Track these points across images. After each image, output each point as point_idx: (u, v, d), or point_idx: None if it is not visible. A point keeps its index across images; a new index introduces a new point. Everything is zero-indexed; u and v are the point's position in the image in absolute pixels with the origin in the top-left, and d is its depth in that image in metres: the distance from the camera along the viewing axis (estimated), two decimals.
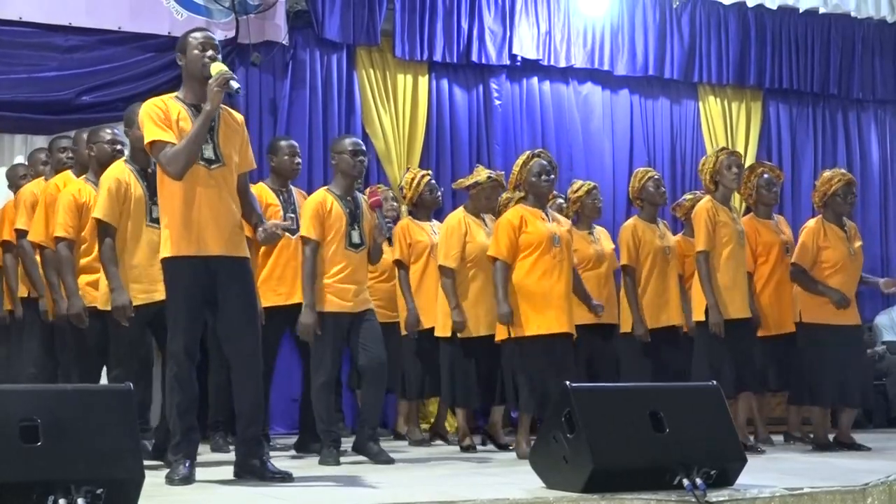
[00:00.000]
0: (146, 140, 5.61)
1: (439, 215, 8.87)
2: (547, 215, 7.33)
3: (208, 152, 5.59)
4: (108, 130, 7.21)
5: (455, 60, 10.82)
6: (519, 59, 11.07)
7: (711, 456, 5.20)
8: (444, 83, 10.89)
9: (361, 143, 7.22)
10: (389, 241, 6.95)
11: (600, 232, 8.75)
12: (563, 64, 11.27)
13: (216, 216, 5.55)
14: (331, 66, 10.43)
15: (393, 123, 10.55)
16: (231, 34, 9.75)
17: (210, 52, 5.65)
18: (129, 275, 6.39)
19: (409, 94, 10.69)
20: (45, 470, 4.17)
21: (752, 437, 7.98)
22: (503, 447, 7.88)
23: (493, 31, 10.96)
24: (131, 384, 4.64)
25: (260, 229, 5.64)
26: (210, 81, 5.51)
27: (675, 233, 8.97)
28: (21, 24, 9.33)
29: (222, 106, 5.72)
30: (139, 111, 5.94)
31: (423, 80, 10.77)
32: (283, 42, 10.12)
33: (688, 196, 9.45)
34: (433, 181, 8.71)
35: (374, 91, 10.55)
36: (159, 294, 6.19)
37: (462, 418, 8.06)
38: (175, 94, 5.80)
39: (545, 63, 11.20)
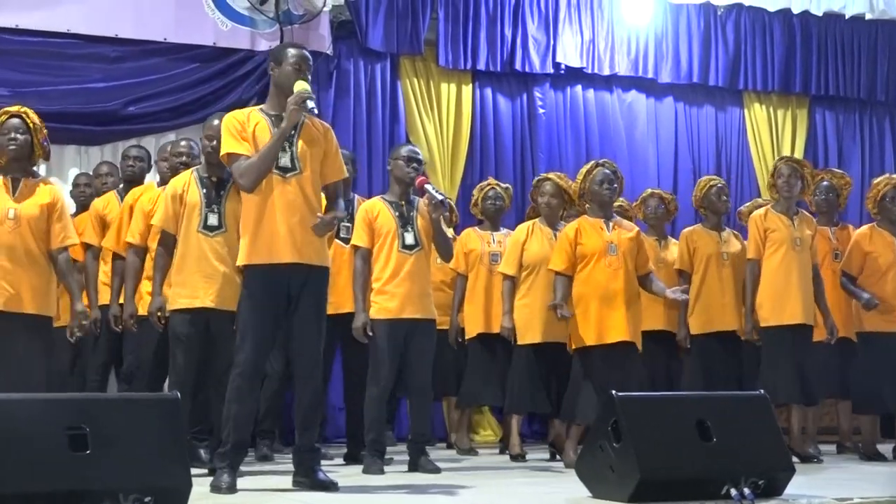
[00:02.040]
0: (222, 152, 5.71)
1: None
2: (607, 224, 7.29)
3: (284, 160, 5.64)
4: (184, 143, 7.30)
5: (498, 69, 10.82)
6: (563, 67, 11.05)
7: (760, 465, 5.15)
8: (488, 92, 10.90)
9: (419, 151, 7.24)
10: (444, 203, 6.89)
11: (670, 241, 8.77)
12: (606, 72, 11.25)
13: (289, 224, 5.58)
14: (374, 75, 10.46)
15: (437, 132, 10.56)
16: (275, 44, 9.76)
17: (302, 72, 5.71)
18: (176, 279, 6.44)
19: (453, 102, 10.70)
20: (93, 478, 4.19)
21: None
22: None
23: (537, 39, 10.95)
24: (184, 392, 4.66)
25: (316, 221, 5.66)
26: (289, 98, 5.55)
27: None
28: (69, 36, 9.42)
29: (308, 116, 5.77)
30: (213, 123, 6.22)
31: (467, 89, 10.78)
32: (328, 52, 10.15)
33: (747, 204, 9.47)
34: (494, 190, 8.73)
35: (417, 100, 10.57)
36: (199, 301, 6.22)
37: (513, 426, 8.04)
38: (260, 106, 5.87)
39: (589, 71, 11.18)
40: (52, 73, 9.40)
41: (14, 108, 6.34)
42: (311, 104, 5.58)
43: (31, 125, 6.26)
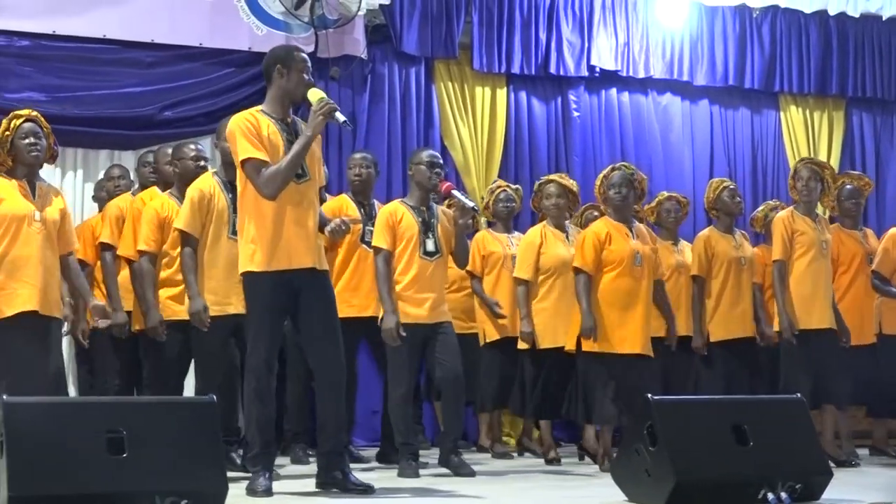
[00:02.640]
0: (239, 157, 5.65)
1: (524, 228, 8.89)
2: (631, 230, 7.27)
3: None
4: (192, 146, 7.30)
5: (533, 72, 10.80)
6: (597, 70, 11.02)
7: (796, 469, 5.14)
8: (523, 95, 10.88)
9: (439, 156, 7.23)
10: (475, 209, 6.88)
11: (685, 245, 8.69)
12: (641, 75, 11.21)
13: (303, 230, 5.62)
14: (409, 79, 10.47)
15: (471, 136, 10.56)
16: (310, 49, 9.80)
17: (309, 79, 5.75)
18: (205, 286, 6.45)
19: (488, 106, 10.69)
20: (130, 481, 4.22)
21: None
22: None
23: (572, 42, 10.93)
24: (214, 396, 4.68)
25: (329, 226, 5.67)
26: (314, 109, 5.57)
27: (754, 244, 8.87)
28: (104, 42, 9.47)
29: (298, 119, 5.80)
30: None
31: (502, 93, 10.77)
32: (362, 56, 10.16)
33: (760, 208, 9.43)
34: (506, 192, 8.71)
35: (452, 104, 10.57)
36: (233, 307, 6.24)
37: (546, 430, 8.02)
38: (260, 107, 5.83)
39: (624, 74, 11.15)
40: (88, 79, 9.45)
41: (24, 112, 6.27)
42: (341, 117, 5.59)
43: (44, 130, 6.27)
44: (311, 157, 5.72)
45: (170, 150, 7.68)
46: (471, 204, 6.67)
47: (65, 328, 6.57)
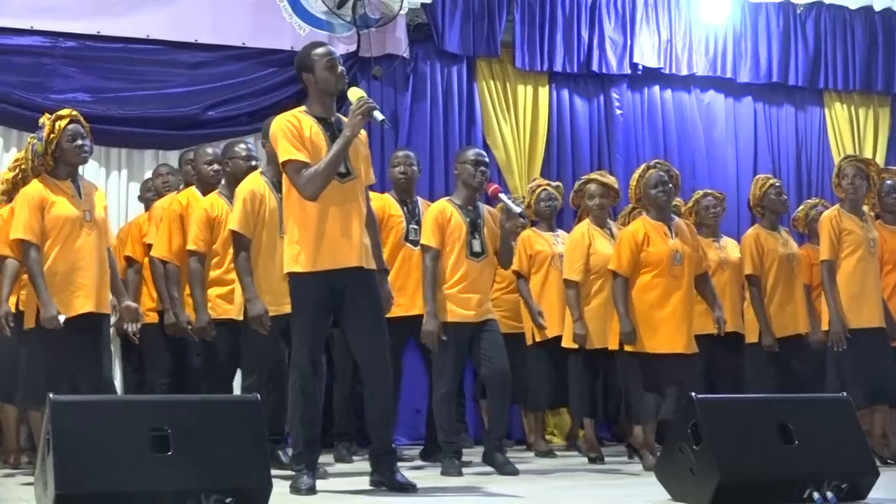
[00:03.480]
0: (280, 158, 5.68)
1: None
2: (670, 229, 7.22)
3: (340, 166, 5.66)
4: (243, 146, 7.31)
5: (575, 70, 10.78)
6: (640, 67, 10.99)
7: (842, 469, 5.09)
8: (565, 93, 10.86)
9: (484, 154, 7.23)
10: (522, 216, 6.87)
11: (727, 241, 8.63)
12: (684, 72, 11.16)
13: (347, 229, 5.61)
14: (451, 77, 10.47)
15: (513, 134, 10.55)
16: (352, 48, 9.84)
17: (340, 69, 5.73)
18: (260, 286, 6.46)
19: (530, 104, 10.68)
20: (175, 479, 4.24)
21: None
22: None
23: (614, 40, 10.90)
24: (260, 395, 4.70)
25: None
26: (353, 108, 5.58)
27: (798, 244, 8.81)
28: (148, 42, 9.53)
29: (342, 116, 5.81)
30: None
31: (544, 91, 10.75)
32: (404, 55, 10.18)
33: (801, 207, 9.37)
34: (547, 191, 8.69)
35: (494, 102, 10.56)
36: (288, 307, 6.26)
37: (589, 429, 8.00)
38: (303, 108, 5.85)
39: (666, 71, 11.11)
40: (133, 79, 9.52)
41: (66, 112, 6.35)
42: (379, 116, 5.59)
43: (86, 129, 6.33)
44: (357, 156, 5.73)
45: (210, 150, 7.70)
46: (518, 209, 6.65)
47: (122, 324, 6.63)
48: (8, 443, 7.62)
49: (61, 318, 6.02)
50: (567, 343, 7.89)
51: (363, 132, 5.93)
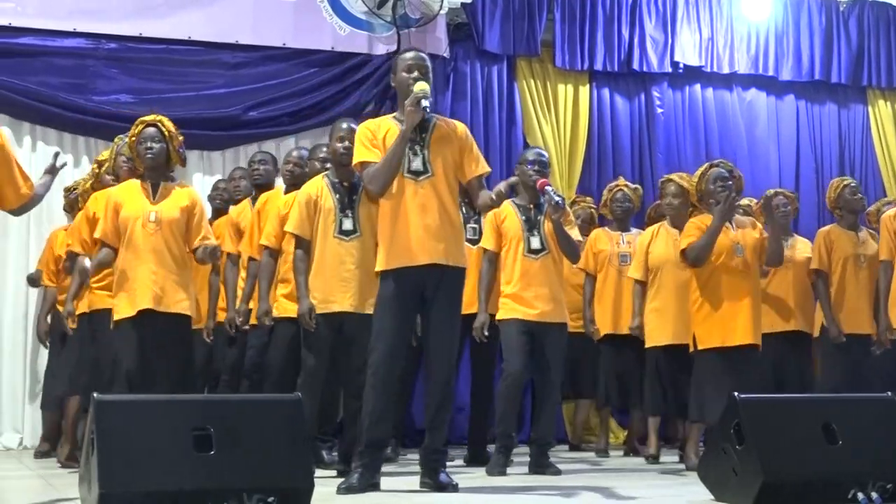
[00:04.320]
0: (353, 161, 5.79)
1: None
2: (731, 222, 7.19)
3: (416, 164, 5.67)
4: (325, 148, 7.37)
5: (616, 69, 10.76)
6: (681, 66, 10.96)
7: (888, 469, 5.04)
8: (606, 92, 10.84)
9: (543, 153, 7.25)
10: (561, 206, 6.86)
11: (797, 240, 8.56)
12: (726, 70, 11.12)
13: (423, 227, 5.60)
14: (491, 77, 10.47)
15: (554, 133, 10.53)
16: (392, 48, 9.85)
17: (415, 74, 5.73)
18: (313, 284, 6.50)
19: (570, 103, 10.67)
20: (217, 478, 4.25)
21: None
22: None
23: (655, 38, 10.87)
24: (310, 394, 4.71)
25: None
26: (405, 101, 5.59)
27: None
28: (190, 43, 9.61)
29: (439, 116, 5.85)
30: (340, 126, 6.47)
31: (584, 90, 10.74)
32: (444, 55, 10.19)
33: (874, 204, 9.32)
34: (623, 192, 8.69)
35: (534, 101, 10.55)
36: (338, 305, 6.29)
37: (651, 427, 7.98)
38: (393, 114, 5.91)
39: (708, 70, 11.07)
40: (174, 80, 9.59)
41: (150, 118, 6.52)
42: (424, 103, 5.58)
43: (166, 134, 6.43)
44: (439, 154, 5.73)
45: (295, 153, 7.76)
46: (557, 199, 6.63)
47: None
48: (67, 440, 7.70)
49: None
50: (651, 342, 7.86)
51: (460, 125, 5.95)
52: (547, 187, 6.72)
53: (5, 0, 9.19)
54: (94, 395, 4.32)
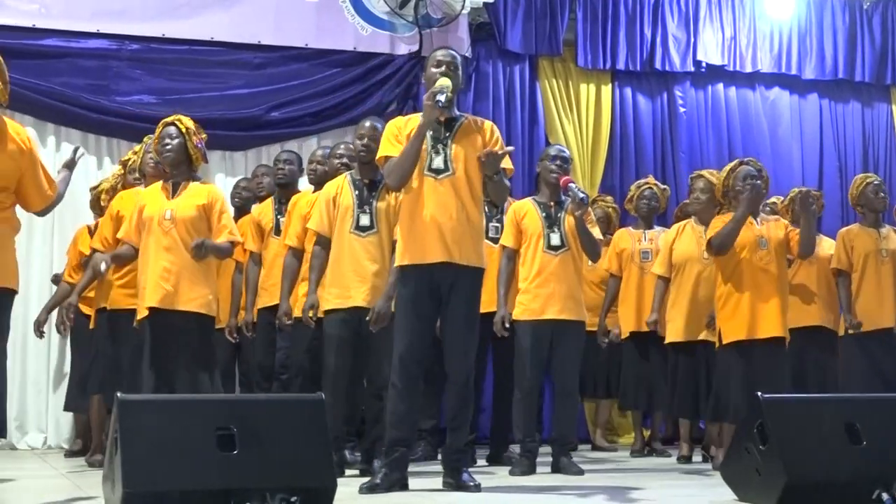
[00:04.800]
0: (378, 156, 5.82)
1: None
2: (756, 219, 7.18)
3: (437, 163, 5.67)
4: (343, 147, 7.38)
5: (638, 68, 10.75)
6: (703, 65, 10.94)
7: None
8: (628, 91, 10.83)
9: (564, 150, 7.27)
10: (585, 202, 6.83)
11: (821, 238, 8.52)
12: (749, 69, 11.10)
13: (440, 225, 5.60)
14: (513, 76, 10.47)
15: (576, 133, 10.53)
16: (414, 48, 9.87)
17: (442, 69, 5.73)
18: (331, 279, 6.53)
19: (592, 103, 10.66)
20: (241, 477, 4.26)
21: None
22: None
23: (677, 37, 10.85)
24: (332, 393, 4.71)
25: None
26: (425, 96, 5.60)
27: None
28: (212, 44, 9.64)
29: (467, 115, 5.88)
30: (365, 124, 6.52)
31: (606, 89, 10.73)
32: (466, 54, 10.17)
33: None
34: (651, 190, 8.67)
35: (556, 101, 10.55)
36: (354, 300, 6.30)
37: (682, 428, 7.97)
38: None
39: (730, 69, 11.05)
40: (197, 81, 9.62)
41: (171, 118, 6.53)
42: (440, 97, 5.56)
43: (183, 130, 6.43)
44: (462, 153, 5.72)
45: (320, 152, 7.79)
46: (581, 195, 6.63)
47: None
48: (94, 438, 7.73)
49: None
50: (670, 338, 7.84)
51: (488, 123, 5.93)
52: (570, 184, 6.72)
53: (30, 2, 9.24)
54: (118, 394, 4.33)
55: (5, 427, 5.00)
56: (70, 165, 5.88)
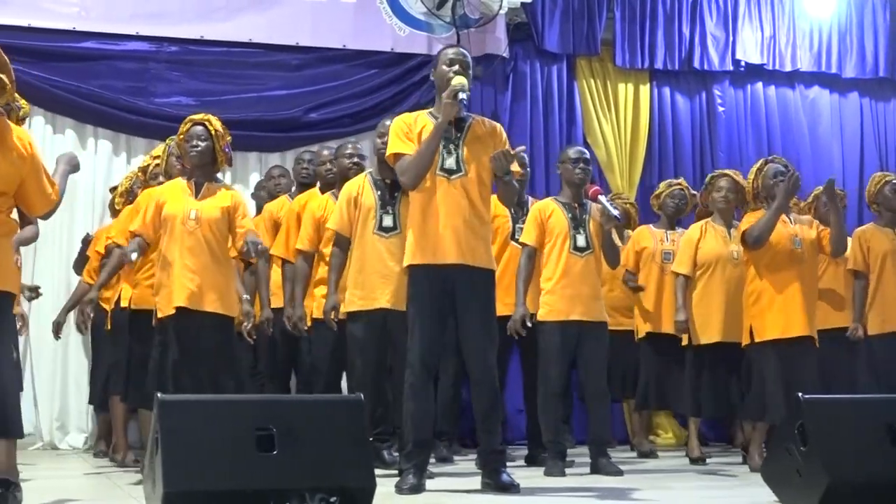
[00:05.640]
0: (388, 153, 5.80)
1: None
2: (789, 217, 7.13)
3: (450, 162, 5.66)
4: (350, 146, 7.38)
5: (677, 67, 10.72)
6: (742, 64, 10.90)
7: None
8: (666, 91, 10.80)
9: (585, 151, 7.21)
10: (618, 218, 6.81)
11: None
12: (788, 68, 11.04)
13: (453, 225, 5.59)
14: (551, 77, 10.46)
15: (614, 133, 10.51)
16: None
17: (456, 68, 5.72)
18: (354, 280, 6.52)
19: (631, 102, 10.64)
20: (280, 478, 4.26)
21: None
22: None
23: (716, 36, 10.81)
24: (362, 395, 4.71)
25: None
26: (443, 94, 5.59)
27: None
28: (250, 46, 9.67)
29: (475, 116, 5.84)
30: (384, 123, 6.42)
31: (645, 89, 10.70)
32: (504, 55, 10.18)
33: None
34: (681, 191, 8.63)
35: (594, 101, 10.53)
36: (378, 302, 6.30)
37: (692, 428, 7.92)
38: (429, 109, 5.91)
39: (770, 67, 11.00)
40: (235, 82, 9.66)
41: (199, 116, 6.52)
42: (462, 96, 5.56)
43: (212, 132, 6.43)
44: (473, 154, 5.71)
45: (326, 152, 7.78)
46: (615, 212, 6.60)
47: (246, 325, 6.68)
48: (117, 439, 7.77)
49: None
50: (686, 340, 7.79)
51: (498, 125, 5.94)
52: (600, 197, 6.72)
53: (69, 5, 9.31)
54: (158, 394, 4.35)
55: (21, 427, 5.01)
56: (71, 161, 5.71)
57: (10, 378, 4.88)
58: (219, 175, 6.81)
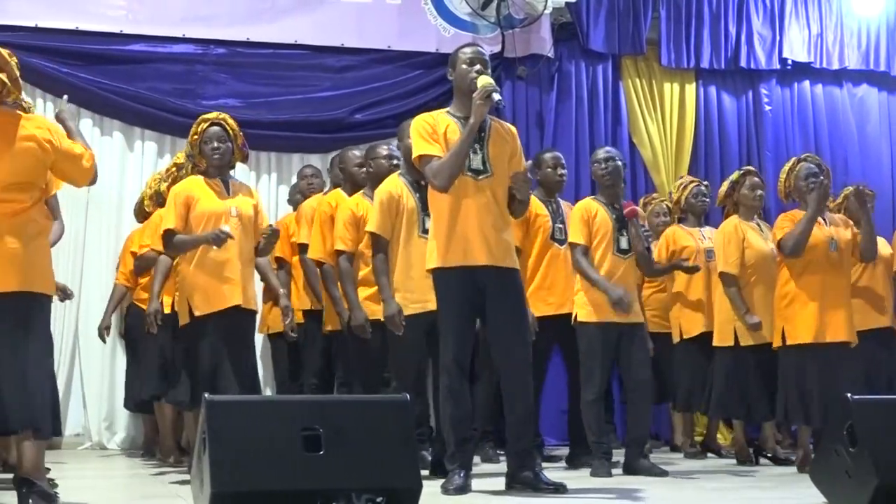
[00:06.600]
0: (414, 154, 5.73)
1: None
2: (824, 219, 7.08)
3: (476, 163, 5.63)
4: (385, 147, 7.37)
5: (723, 67, 10.67)
6: (789, 62, 10.83)
7: None
8: (712, 90, 10.75)
9: (610, 150, 7.19)
10: (648, 250, 6.83)
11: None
12: (836, 66, 10.96)
13: (482, 226, 5.58)
14: (596, 76, 10.44)
15: (660, 132, 10.47)
16: (497, 48, 9.86)
17: (477, 67, 5.70)
18: (403, 285, 6.51)
19: (676, 101, 10.60)
20: (326, 478, 4.28)
21: None
22: (781, 461, 7.66)
23: (762, 35, 10.75)
24: (408, 395, 4.72)
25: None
26: (474, 94, 5.56)
27: None
28: (296, 47, 9.72)
29: (492, 117, 5.79)
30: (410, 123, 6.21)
31: (690, 88, 10.66)
32: (549, 55, 10.18)
33: None
34: (701, 187, 8.56)
35: (640, 100, 10.50)
36: (432, 304, 6.30)
37: (739, 430, 7.88)
38: (446, 108, 5.88)
39: (817, 66, 10.93)
40: (281, 84, 9.71)
41: (212, 115, 6.49)
42: (496, 97, 5.54)
43: (230, 132, 6.44)
44: (497, 154, 5.69)
45: (357, 153, 7.75)
46: (646, 244, 6.69)
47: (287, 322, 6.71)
48: (165, 441, 7.82)
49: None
50: (719, 342, 7.72)
51: (513, 127, 5.93)
52: (635, 218, 6.74)
53: (117, 8, 9.39)
54: (206, 395, 4.37)
55: (50, 429, 5.04)
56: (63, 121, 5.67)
57: (38, 379, 4.89)
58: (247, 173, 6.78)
